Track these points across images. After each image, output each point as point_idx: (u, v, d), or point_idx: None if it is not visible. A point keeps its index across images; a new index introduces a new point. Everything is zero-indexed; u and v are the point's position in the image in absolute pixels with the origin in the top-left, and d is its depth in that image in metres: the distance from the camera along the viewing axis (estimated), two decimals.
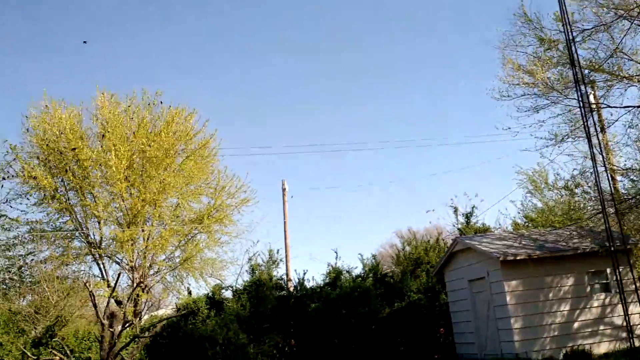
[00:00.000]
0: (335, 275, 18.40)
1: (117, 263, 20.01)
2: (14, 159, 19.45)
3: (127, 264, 19.34)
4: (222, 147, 22.03)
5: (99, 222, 19.57)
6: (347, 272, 18.70)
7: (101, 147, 19.57)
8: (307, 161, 61.83)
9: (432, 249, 19.97)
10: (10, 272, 19.13)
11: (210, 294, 18.00)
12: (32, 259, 19.62)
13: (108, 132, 19.36)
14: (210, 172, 21.47)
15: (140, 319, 18.93)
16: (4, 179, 19.70)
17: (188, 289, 20.40)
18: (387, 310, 17.52)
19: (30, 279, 19.26)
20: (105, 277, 19.60)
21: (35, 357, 14.35)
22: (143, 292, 18.83)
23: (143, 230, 19.70)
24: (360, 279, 18.45)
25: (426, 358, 16.74)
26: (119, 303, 17.66)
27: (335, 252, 18.88)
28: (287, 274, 21.64)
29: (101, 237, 19.76)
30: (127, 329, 15.41)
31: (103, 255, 19.69)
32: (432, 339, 17.34)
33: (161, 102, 20.81)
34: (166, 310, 20.62)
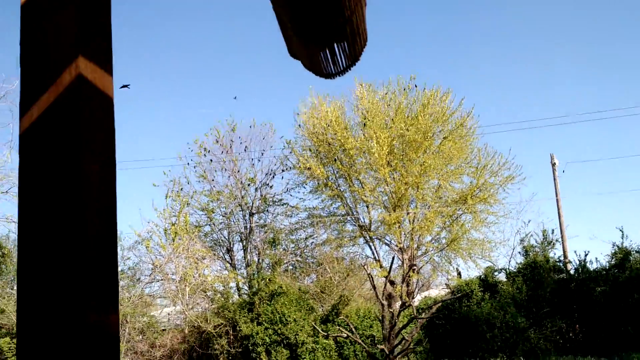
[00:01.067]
0: (622, 256, 16.56)
1: (387, 244, 20.97)
2: (290, 152, 21.90)
3: (396, 246, 20.10)
4: (480, 125, 21.43)
5: (367, 206, 20.78)
6: (637, 252, 16.65)
7: (363, 135, 20.60)
8: (579, 130, 54.01)
9: None
10: (295, 254, 21.47)
11: (482, 276, 17.70)
12: (312, 242, 21.84)
13: (368, 120, 20.26)
14: (469, 151, 21.04)
15: (413, 299, 19.58)
16: (283, 170, 22.42)
17: (457, 270, 20.44)
18: None
19: (312, 261, 21.39)
20: (377, 257, 20.72)
21: (325, 333, 15.84)
22: (413, 272, 19.39)
23: (408, 213, 20.26)
24: None
25: None
26: (391, 283, 18.46)
27: (621, 230, 16.95)
28: (564, 256, 20.18)
29: (370, 220, 20.92)
30: (405, 310, 16.00)
31: (373, 237, 20.82)
32: None
33: (415, 86, 21.04)
34: (438, 291, 20.95)
